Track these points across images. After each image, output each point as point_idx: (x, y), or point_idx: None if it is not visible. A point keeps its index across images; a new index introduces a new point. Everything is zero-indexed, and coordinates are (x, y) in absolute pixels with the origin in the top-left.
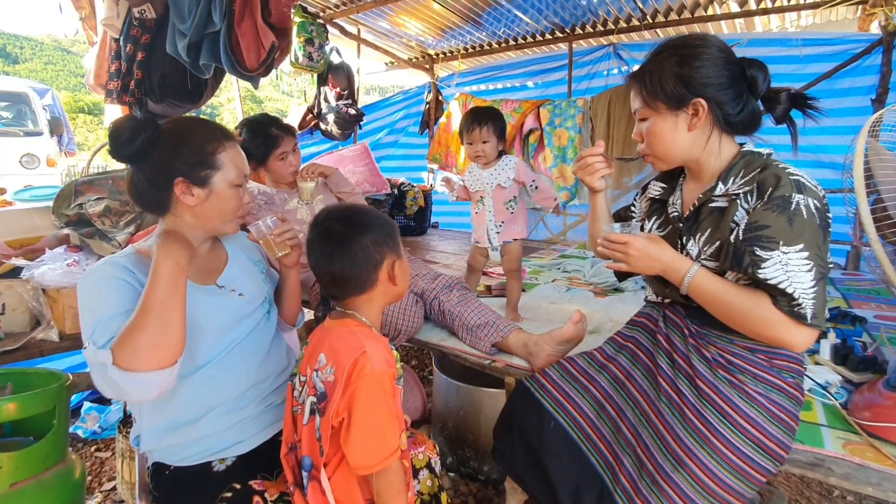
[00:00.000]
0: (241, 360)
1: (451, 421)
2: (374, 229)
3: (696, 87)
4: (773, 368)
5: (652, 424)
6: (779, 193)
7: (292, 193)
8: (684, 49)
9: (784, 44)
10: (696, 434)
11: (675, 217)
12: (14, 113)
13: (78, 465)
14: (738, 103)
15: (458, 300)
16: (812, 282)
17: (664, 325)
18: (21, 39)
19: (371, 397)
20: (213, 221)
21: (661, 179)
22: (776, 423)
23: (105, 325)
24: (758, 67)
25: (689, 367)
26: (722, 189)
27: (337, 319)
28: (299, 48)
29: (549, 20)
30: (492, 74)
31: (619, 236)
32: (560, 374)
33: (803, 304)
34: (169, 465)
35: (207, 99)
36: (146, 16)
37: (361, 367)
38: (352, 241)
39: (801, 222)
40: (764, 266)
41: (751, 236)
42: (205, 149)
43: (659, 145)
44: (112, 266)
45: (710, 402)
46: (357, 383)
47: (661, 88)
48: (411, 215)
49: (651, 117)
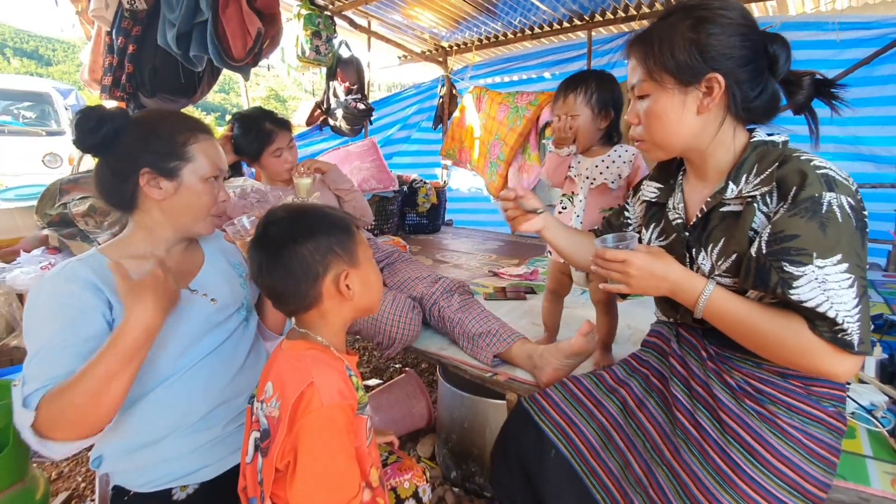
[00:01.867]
0: (211, 374)
1: (455, 433)
2: (318, 235)
3: (712, 58)
4: (810, 397)
5: (666, 462)
6: (806, 194)
7: (287, 191)
8: (701, 11)
9: (820, 28)
10: (719, 476)
11: (680, 224)
12: (37, 113)
13: (41, 484)
14: (757, 84)
15: (459, 306)
16: (855, 300)
17: (678, 347)
18: (53, 42)
19: (320, 437)
20: (182, 218)
21: (655, 178)
22: (815, 461)
23: (42, 363)
24: (781, 44)
25: (710, 397)
26: (733, 190)
27: (291, 340)
28: (306, 41)
29: (567, 7)
30: (507, 66)
31: (615, 253)
32: (563, 395)
33: (848, 329)
34: (128, 491)
35: (204, 94)
36: (137, 7)
37: (308, 401)
38: (285, 251)
39: (836, 227)
40: (796, 285)
41: (777, 249)
42: (174, 139)
43: (660, 129)
44: (72, 280)
45: (736, 438)
46: (303, 421)
47: (671, 56)
48: (423, 213)
49: (654, 94)
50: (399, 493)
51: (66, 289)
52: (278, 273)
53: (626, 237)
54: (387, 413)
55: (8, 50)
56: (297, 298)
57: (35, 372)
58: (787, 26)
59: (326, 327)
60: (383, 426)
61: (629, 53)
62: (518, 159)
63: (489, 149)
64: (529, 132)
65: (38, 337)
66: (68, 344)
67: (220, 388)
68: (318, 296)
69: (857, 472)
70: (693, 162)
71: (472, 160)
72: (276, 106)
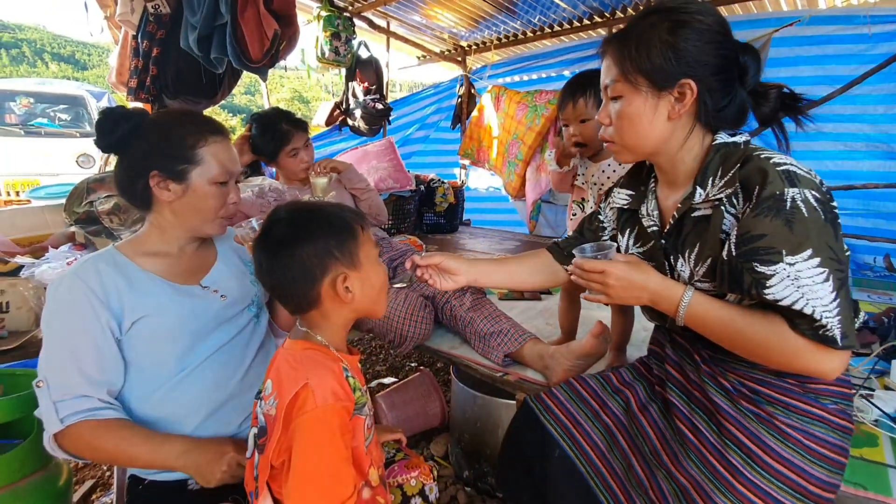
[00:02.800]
0: (222, 369)
1: (468, 432)
2: (316, 237)
3: (687, 63)
4: (807, 395)
5: (665, 468)
6: (768, 192)
7: (304, 190)
8: (679, 14)
9: (850, 21)
10: (718, 481)
11: (655, 232)
12: (72, 115)
13: (63, 471)
14: (727, 93)
15: (470, 305)
16: (832, 293)
17: (672, 352)
18: (88, 46)
19: (313, 438)
20: (191, 220)
21: (625, 185)
22: (817, 461)
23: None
24: (751, 54)
25: (707, 401)
26: (701, 195)
27: (292, 339)
28: (325, 43)
29: (587, 5)
30: (527, 65)
31: (593, 264)
32: (568, 395)
33: (828, 325)
34: (143, 479)
35: (225, 95)
36: (161, 11)
37: (303, 402)
38: (284, 252)
39: (802, 222)
40: (769, 284)
41: (746, 250)
42: (184, 142)
43: (631, 132)
44: (90, 284)
45: (735, 441)
46: (297, 421)
47: (647, 58)
48: (441, 212)
49: (627, 95)
50: (406, 490)
51: (89, 296)
52: (277, 273)
53: (605, 247)
54: (401, 411)
55: (46, 55)
56: (296, 299)
57: (60, 381)
58: (816, 20)
59: (328, 327)
60: (397, 424)
61: (605, 51)
62: (536, 159)
63: (507, 148)
64: (548, 131)
65: (56, 335)
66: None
67: (230, 383)
68: (316, 297)
69: (880, 483)
70: (662, 167)
71: (491, 160)
72: (300, 107)
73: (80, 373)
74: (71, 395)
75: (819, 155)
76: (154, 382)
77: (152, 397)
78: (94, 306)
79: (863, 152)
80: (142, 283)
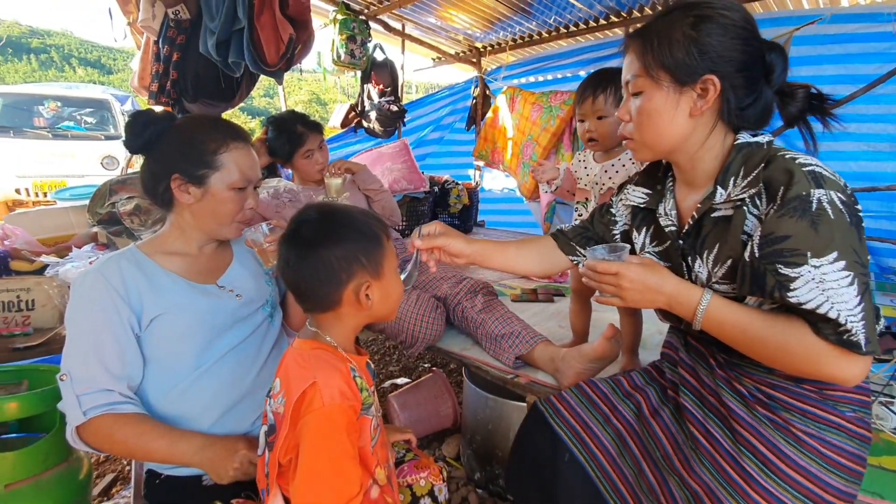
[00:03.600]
0: (238, 366)
1: (479, 434)
2: (346, 242)
3: (711, 59)
4: (826, 402)
5: (677, 473)
6: (794, 192)
7: (318, 191)
8: (704, 10)
9: (874, 19)
10: (731, 488)
11: (673, 232)
12: (97, 118)
13: (84, 464)
14: (752, 91)
15: (482, 306)
16: (857, 297)
17: (687, 356)
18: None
19: (320, 436)
20: (209, 223)
21: (641, 184)
22: (834, 469)
23: (88, 365)
24: (778, 53)
25: (721, 406)
26: (722, 195)
27: (301, 338)
28: (341, 46)
29: (603, 4)
30: (542, 65)
31: (606, 265)
32: (578, 398)
33: (853, 330)
34: (160, 474)
35: (243, 98)
36: (181, 16)
37: (310, 400)
38: (313, 253)
39: (828, 224)
40: (793, 287)
41: (770, 251)
42: (205, 147)
43: (651, 128)
44: (112, 281)
45: (749, 448)
46: (304, 419)
47: (669, 53)
48: (455, 213)
49: (648, 91)
50: (415, 490)
51: (110, 295)
52: (303, 272)
53: (618, 248)
54: (413, 412)
55: (73, 59)
56: (316, 299)
57: (83, 374)
58: (838, 18)
59: (339, 329)
60: (409, 425)
61: (627, 48)
62: (551, 159)
63: (522, 149)
64: (563, 132)
65: (79, 329)
66: (102, 341)
67: (246, 381)
68: (337, 300)
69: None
70: (680, 166)
71: (505, 161)
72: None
73: (102, 367)
74: (94, 389)
75: (842, 156)
76: (172, 379)
77: (170, 394)
78: (115, 303)
79: (887, 153)
80: (161, 281)
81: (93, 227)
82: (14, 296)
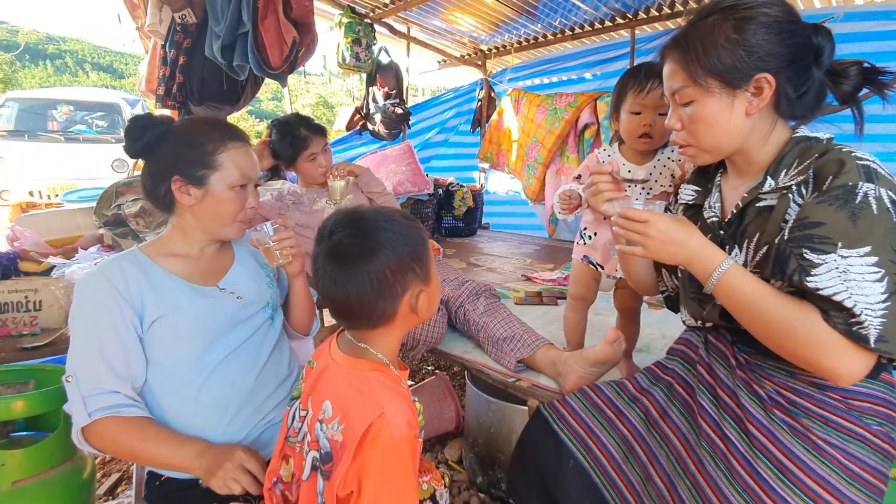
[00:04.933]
0: (239, 369)
1: (482, 438)
2: (397, 250)
3: (760, 58)
4: (850, 412)
5: (690, 476)
6: (840, 182)
7: (322, 193)
8: (742, 10)
9: (889, 17)
10: (745, 493)
11: (714, 223)
12: (108, 122)
13: (88, 464)
14: (805, 80)
15: (484, 309)
16: (883, 294)
17: (706, 354)
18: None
19: (387, 470)
20: (210, 224)
21: (693, 182)
22: (856, 483)
23: (92, 365)
24: (825, 34)
25: (738, 407)
26: (771, 184)
27: (348, 356)
28: (346, 49)
29: (609, 6)
30: (547, 67)
31: (638, 213)
32: (582, 404)
33: (865, 322)
34: (161, 475)
35: (248, 101)
36: (187, 21)
37: (377, 433)
38: (364, 267)
39: (868, 219)
40: (815, 273)
41: (799, 235)
42: (204, 148)
43: (709, 135)
44: (115, 282)
45: (765, 452)
46: (369, 451)
47: (717, 60)
48: (460, 216)
49: (699, 99)
50: None
51: (113, 294)
52: (356, 289)
53: (655, 203)
54: None
55: (87, 64)
56: (369, 315)
57: (88, 375)
58: (851, 16)
59: (387, 342)
60: None
61: (664, 57)
62: (556, 162)
63: (527, 151)
64: (568, 134)
65: (83, 331)
66: (106, 342)
67: (247, 383)
68: (392, 314)
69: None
70: (736, 162)
71: (510, 163)
72: (324, 111)
73: (107, 367)
74: (99, 390)
75: None
76: (175, 384)
77: (177, 402)
78: (118, 304)
79: None
80: (163, 282)
81: (99, 229)
82: (22, 296)
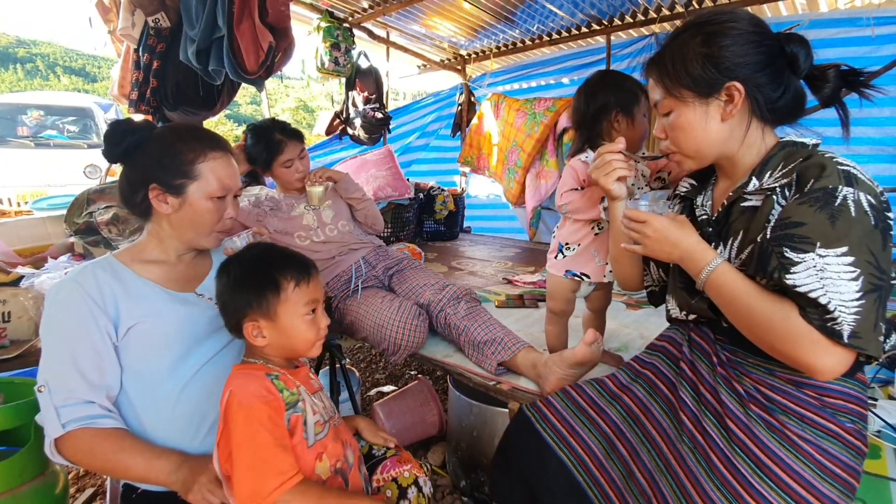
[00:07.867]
0: (217, 378)
1: (464, 441)
2: (242, 288)
3: (728, 68)
4: (825, 409)
5: (671, 471)
6: (821, 184)
7: (300, 199)
8: (710, 26)
9: (853, 24)
10: (724, 488)
11: (704, 220)
12: (80, 127)
13: (60, 479)
14: (778, 85)
15: (465, 313)
16: (857, 293)
17: (689, 351)
18: (98, 59)
19: (243, 428)
20: (187, 233)
21: (692, 175)
22: (829, 479)
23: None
24: (798, 42)
25: (718, 403)
26: (755, 185)
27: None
28: (325, 53)
29: (585, 13)
30: (525, 73)
31: (637, 214)
32: (564, 403)
33: (839, 318)
34: (137, 488)
35: (224, 106)
36: (161, 24)
37: (229, 404)
38: (220, 287)
39: (846, 221)
40: (794, 271)
41: (781, 234)
42: (183, 157)
43: (688, 141)
44: (88, 289)
45: (743, 448)
46: (227, 419)
47: (685, 73)
48: (441, 220)
49: (676, 109)
50: (400, 482)
51: (85, 301)
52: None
53: (658, 198)
54: (398, 420)
55: (58, 68)
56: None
57: (61, 385)
58: (817, 24)
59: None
60: (395, 433)
61: (647, 74)
62: (536, 165)
63: (507, 155)
64: (547, 138)
65: (55, 340)
66: (80, 350)
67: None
68: (240, 333)
69: (880, 496)
70: (723, 166)
71: (491, 167)
72: (305, 116)
73: (80, 377)
74: (73, 400)
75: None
76: (151, 393)
77: (154, 412)
78: (92, 311)
79: (867, 156)
80: (138, 289)
81: (70, 238)
82: None
